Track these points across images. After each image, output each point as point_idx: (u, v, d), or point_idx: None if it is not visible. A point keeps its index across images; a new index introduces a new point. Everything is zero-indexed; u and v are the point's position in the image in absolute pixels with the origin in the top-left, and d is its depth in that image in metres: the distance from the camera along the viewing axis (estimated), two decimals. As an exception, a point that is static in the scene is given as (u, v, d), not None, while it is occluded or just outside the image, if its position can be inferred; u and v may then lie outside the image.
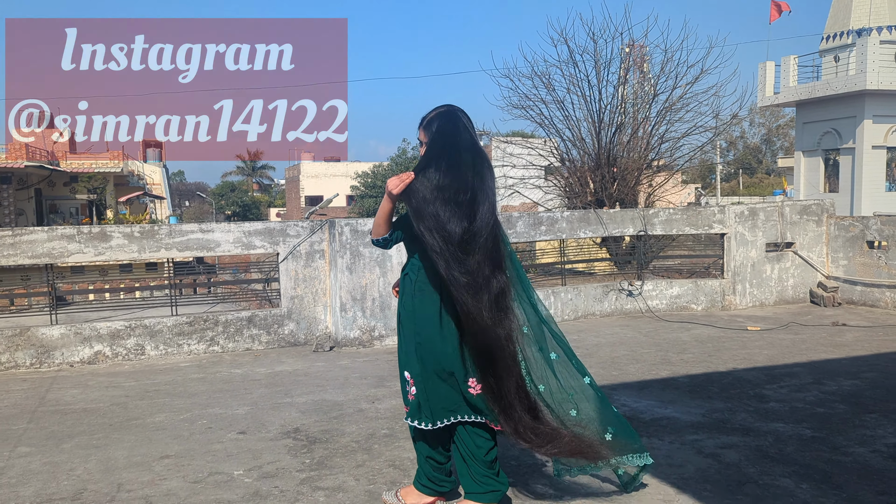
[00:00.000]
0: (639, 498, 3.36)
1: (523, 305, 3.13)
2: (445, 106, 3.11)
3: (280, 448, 4.13)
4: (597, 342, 6.95)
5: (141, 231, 6.55)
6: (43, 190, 34.97)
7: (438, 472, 3.19)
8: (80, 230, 6.35)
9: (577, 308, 8.20)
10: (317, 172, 55.24)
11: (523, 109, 15.24)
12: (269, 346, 6.90)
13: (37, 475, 3.80)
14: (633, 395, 5.11)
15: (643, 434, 4.23)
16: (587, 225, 8.31)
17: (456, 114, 3.07)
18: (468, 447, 3.06)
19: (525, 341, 3.09)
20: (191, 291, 11.20)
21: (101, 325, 6.42)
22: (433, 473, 3.18)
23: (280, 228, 6.97)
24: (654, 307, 8.49)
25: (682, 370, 5.81)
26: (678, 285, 8.67)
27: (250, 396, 5.26)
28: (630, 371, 5.81)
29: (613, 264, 10.44)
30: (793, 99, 25.32)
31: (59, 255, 6.29)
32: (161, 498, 3.47)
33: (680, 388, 5.27)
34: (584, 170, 15.18)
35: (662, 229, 8.67)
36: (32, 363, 6.22)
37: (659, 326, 7.70)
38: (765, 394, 5.05)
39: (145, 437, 4.40)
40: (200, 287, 12.02)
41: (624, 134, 14.87)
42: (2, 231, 6.18)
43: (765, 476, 3.58)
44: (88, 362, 6.36)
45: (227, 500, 3.43)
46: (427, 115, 3.10)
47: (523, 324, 3.11)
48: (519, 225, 7.76)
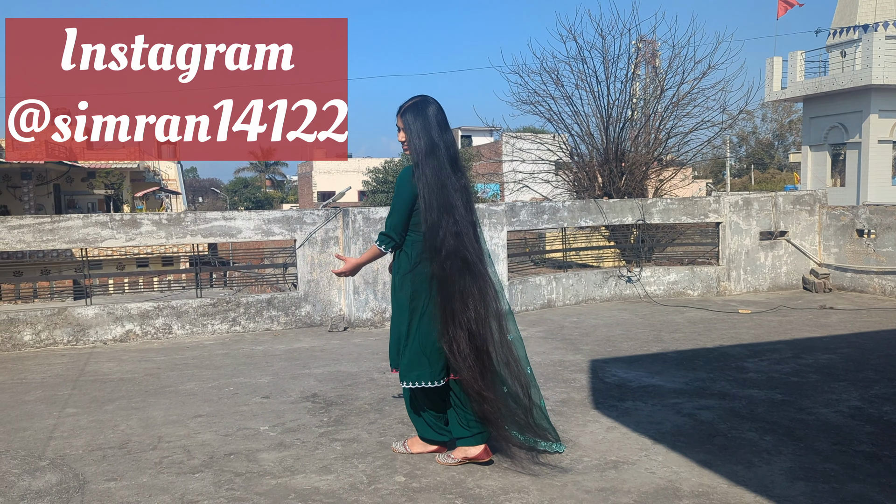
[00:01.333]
0: (619, 447, 3.79)
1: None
2: (419, 97, 3.60)
3: (300, 409, 4.59)
4: (594, 323, 7.37)
5: (168, 218, 7.03)
6: (62, 185, 35.65)
7: (439, 420, 3.64)
8: (113, 217, 6.83)
9: (577, 293, 8.62)
10: (329, 168, 55.82)
11: (532, 105, 15.59)
12: (287, 326, 7.36)
13: (85, 430, 4.28)
14: (624, 367, 5.53)
15: (629, 398, 4.67)
16: (587, 214, 8.73)
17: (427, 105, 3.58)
18: (458, 397, 3.52)
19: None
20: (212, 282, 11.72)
21: (131, 306, 6.91)
22: (434, 422, 3.63)
23: (297, 216, 7.43)
24: (651, 293, 8.90)
25: (672, 347, 6.23)
26: (675, 272, 9.07)
27: (271, 368, 5.73)
28: (623, 347, 6.23)
29: (621, 257, 10.82)
30: (800, 94, 25.58)
31: (94, 241, 6.77)
32: (197, 447, 3.93)
33: (668, 361, 5.69)
34: (592, 164, 15.54)
35: (660, 218, 9.07)
36: (69, 341, 6.71)
37: (655, 310, 8.11)
38: (745, 366, 5.46)
39: (178, 400, 4.87)
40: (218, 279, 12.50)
41: (632, 129, 15.23)
42: (42, 218, 6.67)
43: (734, 431, 4.01)
44: (120, 340, 6.85)
45: (255, 448, 3.89)
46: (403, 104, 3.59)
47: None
48: (522, 214, 8.18)
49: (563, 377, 5.26)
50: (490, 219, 7.83)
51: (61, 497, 3.29)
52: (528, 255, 10.58)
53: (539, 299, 8.30)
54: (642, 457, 3.65)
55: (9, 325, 6.54)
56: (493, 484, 3.35)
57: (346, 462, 3.66)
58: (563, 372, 5.42)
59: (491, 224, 7.83)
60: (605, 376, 5.27)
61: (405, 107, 3.55)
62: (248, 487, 3.36)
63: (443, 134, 3.52)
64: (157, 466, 3.65)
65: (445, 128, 3.55)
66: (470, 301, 3.45)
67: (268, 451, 3.83)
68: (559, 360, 5.79)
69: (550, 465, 3.54)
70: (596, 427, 4.13)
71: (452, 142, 3.57)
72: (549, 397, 4.73)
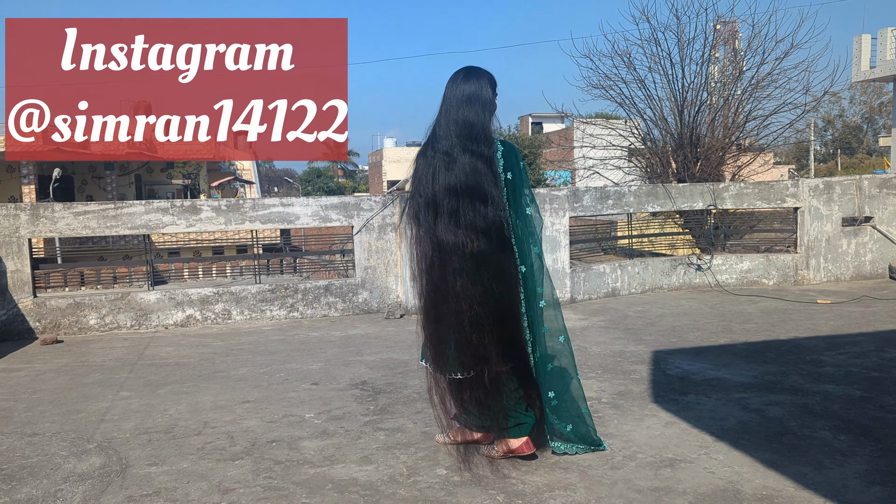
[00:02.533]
0: (676, 444, 3.55)
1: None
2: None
3: (348, 397, 4.51)
4: (660, 313, 7.06)
5: (227, 205, 7.07)
6: (142, 175, 36.91)
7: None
8: (174, 203, 6.91)
9: (644, 282, 8.29)
10: (399, 157, 56.05)
11: (603, 89, 15.17)
12: (345, 313, 7.32)
13: (136, 413, 4.30)
14: (688, 359, 5.25)
15: (691, 392, 4.40)
16: (655, 199, 8.38)
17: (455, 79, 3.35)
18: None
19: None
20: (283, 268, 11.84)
21: (192, 291, 6.99)
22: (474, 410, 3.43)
23: (354, 202, 7.36)
24: (723, 282, 8.49)
25: (742, 338, 5.88)
26: (748, 260, 8.63)
27: (324, 355, 5.67)
28: (689, 338, 5.93)
29: (695, 244, 10.37)
30: (890, 73, 24.15)
31: (155, 227, 6.87)
32: (241, 433, 3.89)
33: (737, 353, 5.37)
34: (665, 150, 15.04)
35: (733, 203, 8.64)
36: (132, 325, 6.83)
37: (726, 299, 7.73)
38: (822, 359, 5.10)
39: (229, 385, 4.86)
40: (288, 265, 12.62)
41: (708, 112, 14.64)
42: (106, 204, 6.80)
43: (804, 429, 3.71)
44: (181, 325, 6.94)
45: (298, 436, 3.82)
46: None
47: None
48: (585, 199, 7.91)
49: (622, 368, 5.02)
50: (551, 204, 7.59)
51: (102, 481, 3.28)
52: (597, 241, 10.24)
53: (603, 288, 8.02)
54: (701, 455, 3.40)
55: (75, 310, 6.70)
56: (539, 479, 3.17)
57: (387, 453, 3.54)
58: (622, 363, 5.17)
59: (552, 210, 7.59)
60: (668, 368, 5.00)
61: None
62: (286, 476, 3.28)
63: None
64: (199, 452, 3.62)
65: None
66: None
67: (310, 440, 3.75)
68: (619, 351, 5.54)
69: (602, 461, 3.34)
70: (653, 422, 3.89)
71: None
72: (606, 389, 4.51)
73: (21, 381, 5.13)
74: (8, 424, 4.15)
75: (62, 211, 6.65)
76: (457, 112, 3.26)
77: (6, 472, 3.42)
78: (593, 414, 4.01)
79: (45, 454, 3.64)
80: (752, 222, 11.74)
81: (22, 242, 6.56)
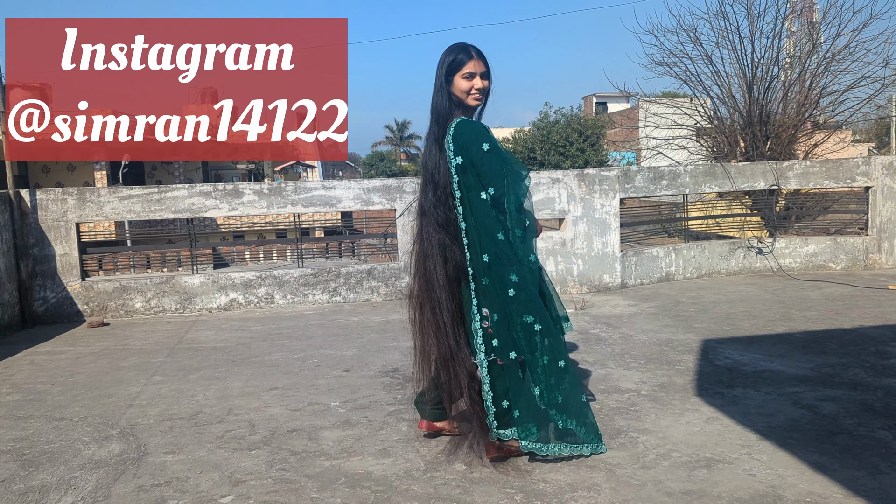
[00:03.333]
0: (716, 442, 3.30)
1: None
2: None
3: (376, 385, 4.38)
4: (715, 299, 6.71)
5: (269, 188, 7.02)
6: (209, 160, 37.75)
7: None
8: (216, 187, 6.90)
9: (700, 266, 7.92)
10: (460, 140, 55.78)
11: (667, 66, 14.64)
12: (387, 297, 7.22)
13: (164, 398, 4.27)
14: (740, 348, 4.93)
15: (739, 385, 4.11)
16: (713, 179, 7.98)
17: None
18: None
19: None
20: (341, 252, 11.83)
21: (235, 275, 6.98)
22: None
23: (397, 185, 7.22)
24: (785, 266, 8.04)
25: (801, 326, 5.52)
26: (814, 243, 8.15)
27: (360, 340, 5.57)
28: (743, 326, 5.59)
29: (763, 227, 9.87)
30: (979, 43, 22.60)
31: (198, 210, 6.87)
32: (262, 421, 3.80)
33: (793, 343, 5.02)
34: (733, 128, 14.43)
35: (797, 183, 8.16)
36: (177, 308, 6.87)
37: (787, 285, 7.31)
38: (888, 351, 4.72)
39: (260, 371, 4.79)
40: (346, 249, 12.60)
41: (779, 88, 13.96)
42: (150, 188, 6.84)
43: (861, 428, 3.40)
44: (224, 309, 6.95)
45: (320, 425, 3.71)
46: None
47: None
48: (638, 179, 7.58)
49: (667, 358, 4.75)
50: (601, 185, 7.29)
51: (117, 469, 3.23)
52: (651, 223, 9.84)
53: (656, 272, 7.69)
54: (742, 455, 3.14)
55: (121, 293, 6.78)
56: (561, 478, 2.97)
57: (407, 445, 3.39)
58: (668, 352, 4.90)
59: (602, 191, 7.29)
60: (717, 358, 4.70)
61: (478, 48, 3.15)
62: (300, 469, 3.17)
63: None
64: (218, 441, 3.54)
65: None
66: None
67: (331, 430, 3.64)
68: (667, 340, 5.26)
69: (633, 460, 3.12)
70: (694, 417, 3.64)
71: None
72: (647, 381, 4.26)
73: (61, 364, 5.19)
74: (40, 408, 4.18)
75: (107, 195, 6.71)
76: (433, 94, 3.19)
77: (28, 456, 3.42)
78: (630, 408, 3.79)
79: (68, 439, 3.63)
80: (825, 203, 11.14)
81: (70, 227, 6.65)
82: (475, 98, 3.10)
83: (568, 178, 7.19)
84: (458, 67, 3.08)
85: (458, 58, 3.08)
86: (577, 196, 7.22)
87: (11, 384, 4.72)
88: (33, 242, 6.59)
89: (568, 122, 39.85)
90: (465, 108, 3.14)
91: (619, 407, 3.83)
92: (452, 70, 3.09)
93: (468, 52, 3.09)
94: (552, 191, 7.16)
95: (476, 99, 3.11)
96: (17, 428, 3.84)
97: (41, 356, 5.48)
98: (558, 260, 7.19)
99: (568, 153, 38.83)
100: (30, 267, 6.59)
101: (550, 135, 39.41)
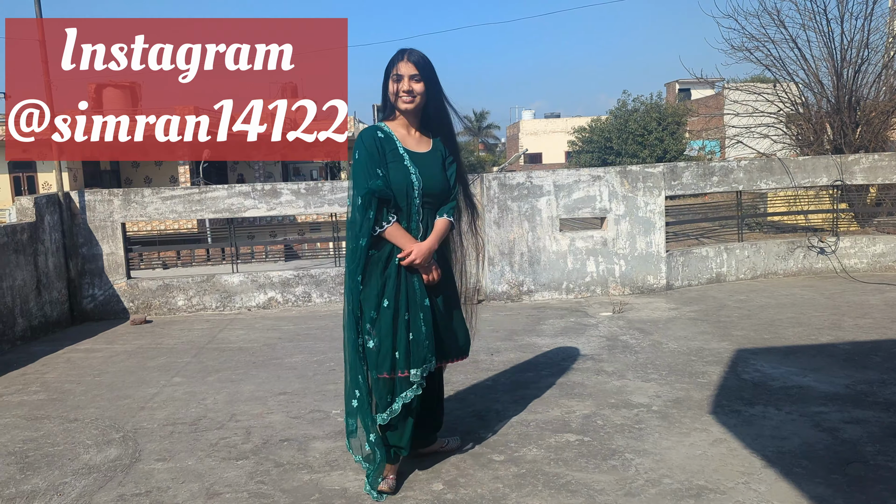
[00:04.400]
0: (715, 468, 3.08)
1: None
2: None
3: (384, 392, 4.32)
4: (763, 303, 6.36)
5: (306, 188, 7.06)
6: (288, 154, 38.60)
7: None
8: (255, 187, 6.99)
9: (754, 266, 7.53)
10: (536, 129, 55.28)
11: (748, 51, 14.01)
12: (424, 297, 7.15)
13: (175, 402, 4.33)
14: (774, 360, 4.63)
15: (760, 402, 3.85)
16: (770, 175, 7.55)
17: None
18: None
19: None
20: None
21: (273, 274, 7.06)
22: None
23: (434, 183, 7.13)
24: (849, 267, 7.55)
25: (849, 336, 5.15)
26: (883, 242, 7.62)
27: (383, 343, 5.52)
28: (785, 335, 5.26)
29: (854, 220, 9.27)
30: None
31: (238, 210, 6.98)
32: (259, 429, 3.80)
33: (835, 355, 4.69)
34: (820, 115, 13.70)
35: (864, 178, 7.64)
36: (217, 307, 7.01)
37: (847, 288, 6.85)
38: (938, 367, 4.34)
39: (275, 374, 4.81)
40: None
41: (870, 72, 13.16)
42: (191, 189, 6.99)
43: (880, 456, 3.11)
44: (263, 307, 7.04)
45: (313, 435, 3.68)
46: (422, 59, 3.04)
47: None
48: (685, 176, 7.25)
49: (691, 370, 4.51)
50: (644, 182, 7.01)
51: (105, 475, 3.28)
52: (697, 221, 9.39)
53: (705, 273, 7.35)
54: (739, 484, 2.93)
55: (165, 291, 6.96)
56: (538, 503, 2.84)
57: (391, 460, 3.32)
58: (695, 363, 4.65)
59: (646, 189, 7.00)
60: (745, 371, 4.43)
61: (416, 51, 3.04)
62: (279, 482, 3.14)
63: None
64: (211, 448, 3.56)
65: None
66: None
67: (322, 440, 3.60)
68: (698, 349, 5.00)
69: (618, 485, 2.95)
70: (700, 438, 3.42)
71: None
72: (662, 394, 4.05)
73: (93, 363, 5.35)
74: (59, 408, 4.31)
75: (151, 196, 6.89)
76: None
77: (29, 459, 3.52)
78: (635, 425, 3.61)
79: (73, 442, 3.72)
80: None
81: (115, 227, 6.87)
82: (404, 101, 3.01)
83: (609, 176, 6.95)
84: (390, 69, 3.03)
85: (392, 59, 3.04)
86: (620, 194, 6.96)
87: (42, 382, 4.89)
88: (82, 242, 6.83)
89: (647, 110, 38.78)
90: (402, 112, 3.07)
91: (623, 424, 3.64)
92: (387, 73, 3.06)
93: (401, 55, 3.02)
94: (593, 188, 6.93)
95: (406, 102, 3.01)
96: (30, 428, 3.97)
97: (79, 354, 5.68)
98: (599, 260, 6.96)
99: (646, 142, 37.84)
100: (79, 265, 6.85)
101: (628, 123, 38.45)
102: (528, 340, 5.46)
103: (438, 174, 3.11)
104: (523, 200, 6.85)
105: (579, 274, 6.95)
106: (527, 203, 6.84)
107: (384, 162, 2.99)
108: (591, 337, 5.48)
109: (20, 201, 6.42)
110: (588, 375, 4.50)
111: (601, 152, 39.65)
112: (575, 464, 3.18)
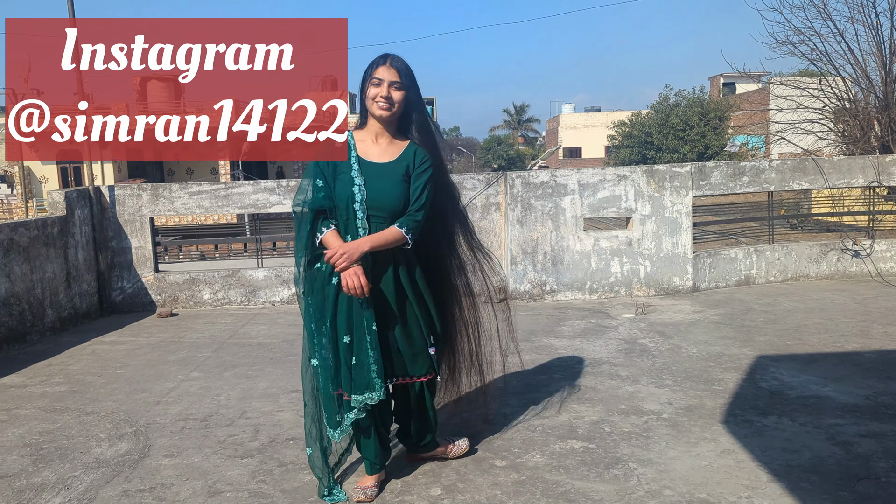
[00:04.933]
0: (719, 481, 3.02)
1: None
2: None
3: (394, 392, 4.32)
4: (791, 308, 6.21)
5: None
6: (302, 154, 38.98)
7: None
8: (280, 183, 7.05)
9: (785, 269, 7.36)
10: (576, 123, 54.78)
11: (792, 45, 13.66)
12: (446, 295, 7.14)
13: (190, 397, 4.40)
14: (795, 368, 4.52)
15: (775, 412, 3.77)
16: (803, 175, 7.36)
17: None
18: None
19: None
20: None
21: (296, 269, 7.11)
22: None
23: (457, 181, 7.09)
24: (885, 270, 7.34)
25: (876, 345, 5.00)
26: (921, 246, 7.38)
27: (400, 342, 5.53)
28: (809, 341, 5.13)
29: None
30: None
31: (263, 206, 7.05)
32: (267, 427, 3.84)
33: (859, 364, 4.56)
34: (868, 111, 13.33)
35: (902, 179, 7.40)
36: (241, 301, 7.10)
37: (881, 293, 6.65)
38: (966, 379, 4.19)
39: (290, 371, 4.85)
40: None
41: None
42: (217, 185, 7.08)
43: (893, 473, 3.02)
44: (286, 302, 7.11)
45: (319, 435, 3.70)
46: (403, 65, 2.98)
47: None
48: (714, 176, 7.10)
49: (708, 376, 4.42)
50: (671, 182, 6.89)
51: (113, 470, 3.35)
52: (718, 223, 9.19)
53: (733, 275, 7.21)
54: (742, 499, 2.86)
55: (191, 285, 7.07)
56: (533, 513, 2.81)
57: (392, 463, 3.32)
58: (713, 369, 4.56)
59: (673, 188, 6.89)
60: (763, 379, 4.33)
61: (399, 58, 2.96)
62: (280, 482, 3.17)
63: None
64: (218, 445, 3.61)
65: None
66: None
67: (328, 440, 3.62)
68: (717, 354, 4.90)
69: (617, 496, 2.91)
70: (707, 448, 3.36)
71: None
72: (674, 402, 3.99)
73: (116, 356, 5.46)
74: (78, 401, 4.41)
75: (178, 191, 7.00)
76: None
77: (43, 452, 3.61)
78: (643, 433, 3.56)
79: (87, 436, 3.80)
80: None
81: (144, 220, 6.99)
82: (381, 107, 2.89)
83: (635, 175, 6.85)
84: (370, 72, 2.93)
85: (372, 63, 2.94)
86: (646, 194, 6.85)
87: (65, 374, 5.01)
88: (112, 235, 6.97)
89: (689, 104, 38.12)
90: (375, 118, 2.96)
91: (630, 432, 3.59)
92: (365, 76, 2.94)
93: (383, 59, 2.93)
94: (618, 188, 6.83)
95: (382, 108, 2.90)
96: (48, 420, 4.07)
97: (104, 346, 5.80)
98: (623, 261, 6.87)
99: (687, 137, 37.22)
100: (108, 258, 6.99)
101: (669, 118, 37.85)
102: (546, 342, 5.41)
103: (391, 187, 2.92)
104: (547, 199, 6.79)
105: (603, 274, 6.87)
106: (550, 202, 6.78)
107: (334, 172, 2.92)
108: (609, 339, 5.41)
109: (52, 195, 6.57)
110: (601, 380, 4.45)
111: (641, 147, 39.14)
112: (576, 472, 3.15)
